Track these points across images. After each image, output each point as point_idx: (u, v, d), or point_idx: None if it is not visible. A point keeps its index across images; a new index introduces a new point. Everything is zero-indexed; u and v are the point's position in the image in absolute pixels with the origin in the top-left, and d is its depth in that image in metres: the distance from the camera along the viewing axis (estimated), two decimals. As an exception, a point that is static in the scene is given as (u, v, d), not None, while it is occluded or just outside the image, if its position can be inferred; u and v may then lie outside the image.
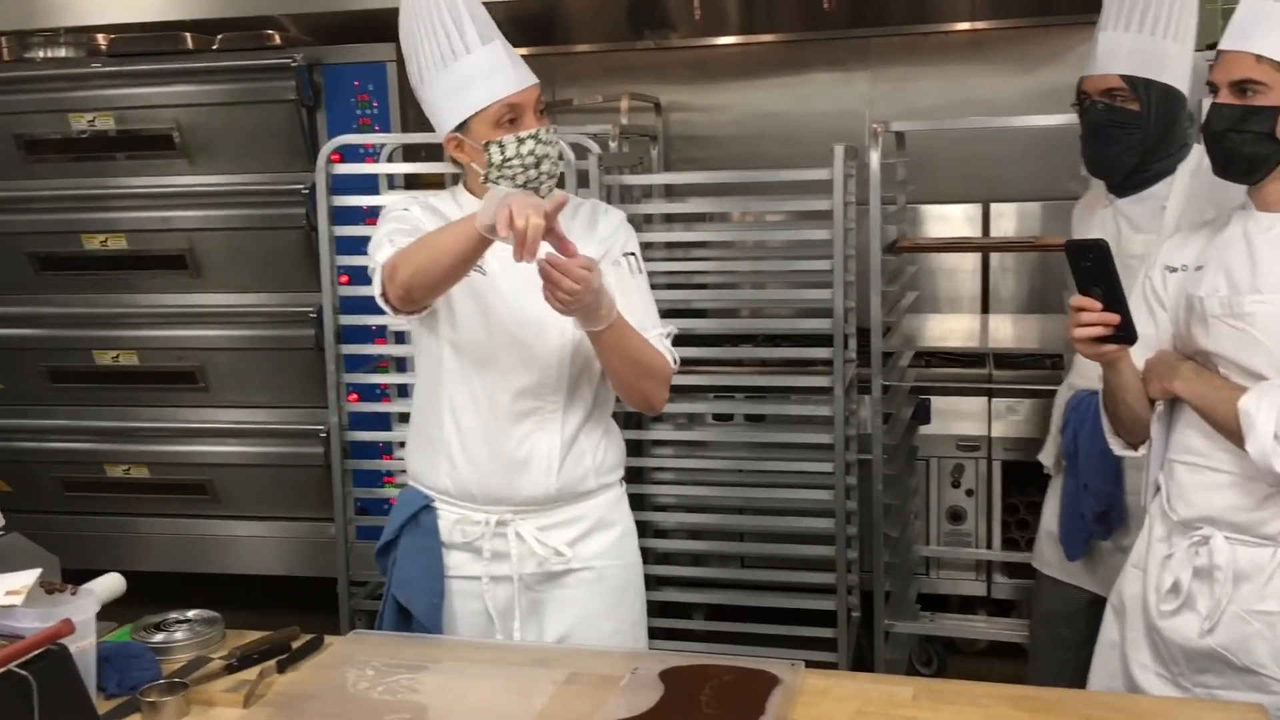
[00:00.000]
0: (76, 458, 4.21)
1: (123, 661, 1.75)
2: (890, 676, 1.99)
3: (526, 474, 2.02)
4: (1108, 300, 1.77)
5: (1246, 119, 1.77)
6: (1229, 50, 1.80)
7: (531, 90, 1.98)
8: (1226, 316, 1.82)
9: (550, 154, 1.98)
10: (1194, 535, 1.87)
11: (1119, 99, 2.38)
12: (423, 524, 2.08)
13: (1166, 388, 1.89)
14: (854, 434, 3.34)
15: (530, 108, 1.97)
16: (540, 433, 2.02)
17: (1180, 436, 1.91)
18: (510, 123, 1.96)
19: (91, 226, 4.04)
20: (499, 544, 2.04)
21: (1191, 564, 1.86)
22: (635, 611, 2.15)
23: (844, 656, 3.31)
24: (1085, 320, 1.79)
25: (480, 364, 2.01)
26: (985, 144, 4.28)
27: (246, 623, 2.00)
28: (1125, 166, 2.42)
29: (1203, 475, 1.86)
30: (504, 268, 1.97)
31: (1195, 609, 1.87)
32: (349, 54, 3.81)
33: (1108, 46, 2.39)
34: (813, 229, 3.30)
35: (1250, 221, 1.86)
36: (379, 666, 1.78)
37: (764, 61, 4.67)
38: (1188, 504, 1.88)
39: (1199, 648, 1.86)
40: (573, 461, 2.05)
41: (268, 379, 4.04)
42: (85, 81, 3.98)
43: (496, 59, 1.96)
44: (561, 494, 2.04)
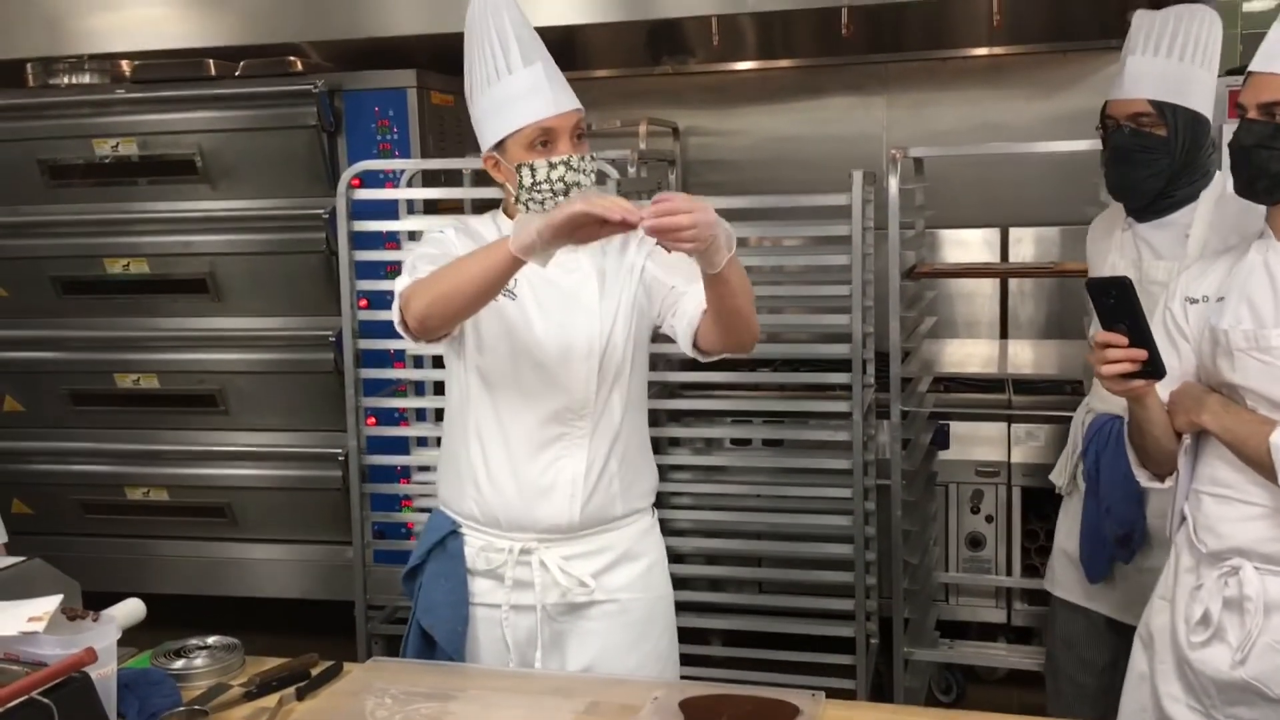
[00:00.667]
0: (97, 480, 4.23)
1: (143, 689, 1.75)
2: (912, 708, 1.98)
3: (550, 501, 2.01)
4: (1133, 336, 1.76)
5: (1276, 136, 1.77)
6: (1259, 72, 1.80)
7: (569, 116, 1.96)
8: (1253, 350, 1.81)
9: (583, 181, 1.96)
10: (1223, 566, 1.85)
11: (1146, 124, 2.37)
12: (449, 549, 2.07)
13: (1194, 421, 1.88)
14: (873, 459, 3.33)
15: (566, 133, 1.95)
16: (566, 459, 2.01)
17: (1207, 469, 1.90)
18: (544, 146, 1.94)
19: (114, 251, 4.07)
20: (523, 572, 2.03)
21: (1221, 595, 1.85)
22: (663, 645, 2.13)
23: (862, 684, 3.29)
24: (1112, 357, 1.78)
25: (505, 388, 2.01)
26: (1003, 169, 4.28)
27: (264, 646, 2.00)
28: (1151, 191, 2.41)
29: (1232, 507, 1.85)
30: (533, 290, 1.99)
31: (1226, 640, 1.85)
32: (370, 80, 3.84)
33: (1136, 71, 2.39)
34: (831, 254, 3.30)
35: (1271, 251, 1.85)
36: (397, 694, 1.78)
37: (782, 86, 4.69)
38: (1216, 535, 1.87)
39: (1230, 679, 1.84)
40: (601, 489, 2.03)
41: (287, 402, 4.06)
42: (109, 108, 4.03)
43: (536, 81, 1.94)
44: (586, 522, 2.03)
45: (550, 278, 1.98)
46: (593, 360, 1.99)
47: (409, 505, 3.68)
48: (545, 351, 1.98)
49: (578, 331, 1.99)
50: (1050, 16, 4.17)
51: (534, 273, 1.95)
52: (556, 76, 1.97)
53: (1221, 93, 3.40)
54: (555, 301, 2.00)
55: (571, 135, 1.95)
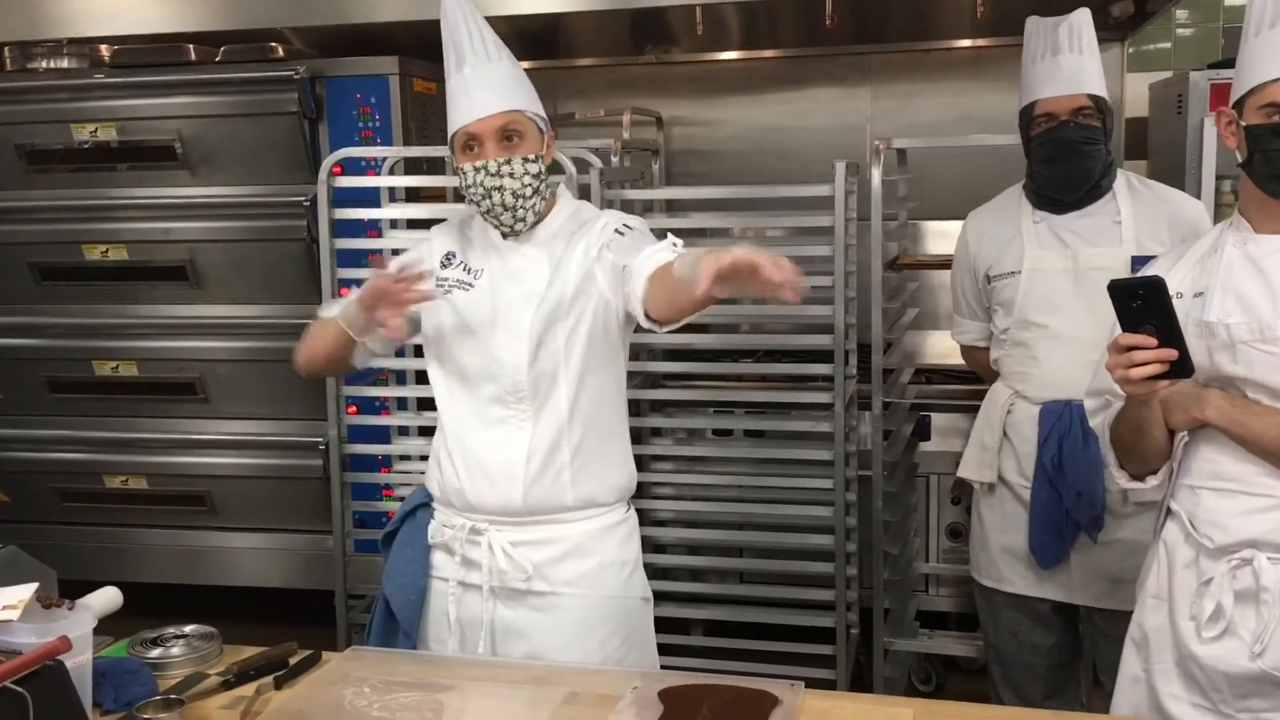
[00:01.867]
0: (75, 468, 4.20)
1: (119, 677, 1.74)
2: (891, 698, 1.98)
3: (494, 482, 2.03)
4: (1162, 335, 1.72)
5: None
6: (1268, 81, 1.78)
7: (491, 120, 1.96)
8: (1257, 342, 1.81)
9: (507, 187, 1.97)
10: (1233, 559, 1.84)
11: (1086, 116, 2.51)
12: (418, 520, 2.15)
13: (1196, 417, 1.87)
14: (854, 450, 3.34)
15: (490, 137, 1.97)
16: (510, 443, 2.03)
17: (1204, 464, 1.89)
18: (471, 150, 1.98)
19: (93, 237, 4.04)
20: (472, 551, 2.06)
21: (1233, 588, 1.84)
22: (610, 647, 2.08)
23: (842, 674, 3.30)
24: (1141, 358, 1.73)
25: (455, 373, 2.08)
26: (987, 161, 4.26)
27: (243, 635, 1.99)
28: (1090, 182, 2.55)
29: (1238, 500, 1.84)
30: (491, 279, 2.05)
31: (1239, 634, 1.84)
32: (351, 67, 3.82)
33: (1072, 68, 2.52)
34: (814, 245, 3.29)
35: (1251, 244, 1.85)
36: (376, 684, 1.78)
37: (766, 77, 4.68)
38: (1223, 529, 1.86)
39: (1246, 672, 1.83)
40: (547, 476, 2.03)
41: (267, 391, 4.03)
42: (88, 92, 3.99)
43: (464, 85, 1.98)
44: (531, 508, 2.03)
45: (512, 267, 2.05)
46: (521, 345, 2.01)
47: (390, 494, 3.67)
48: (485, 333, 2.03)
49: (515, 316, 2.02)
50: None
51: (499, 263, 2.04)
52: (488, 77, 1.98)
53: (1204, 86, 3.43)
54: (506, 288, 2.05)
55: (497, 138, 1.97)
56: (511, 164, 1.96)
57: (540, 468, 2.03)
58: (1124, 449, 1.98)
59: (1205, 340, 1.87)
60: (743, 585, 3.62)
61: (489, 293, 2.05)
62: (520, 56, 2.10)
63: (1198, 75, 3.44)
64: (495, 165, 1.96)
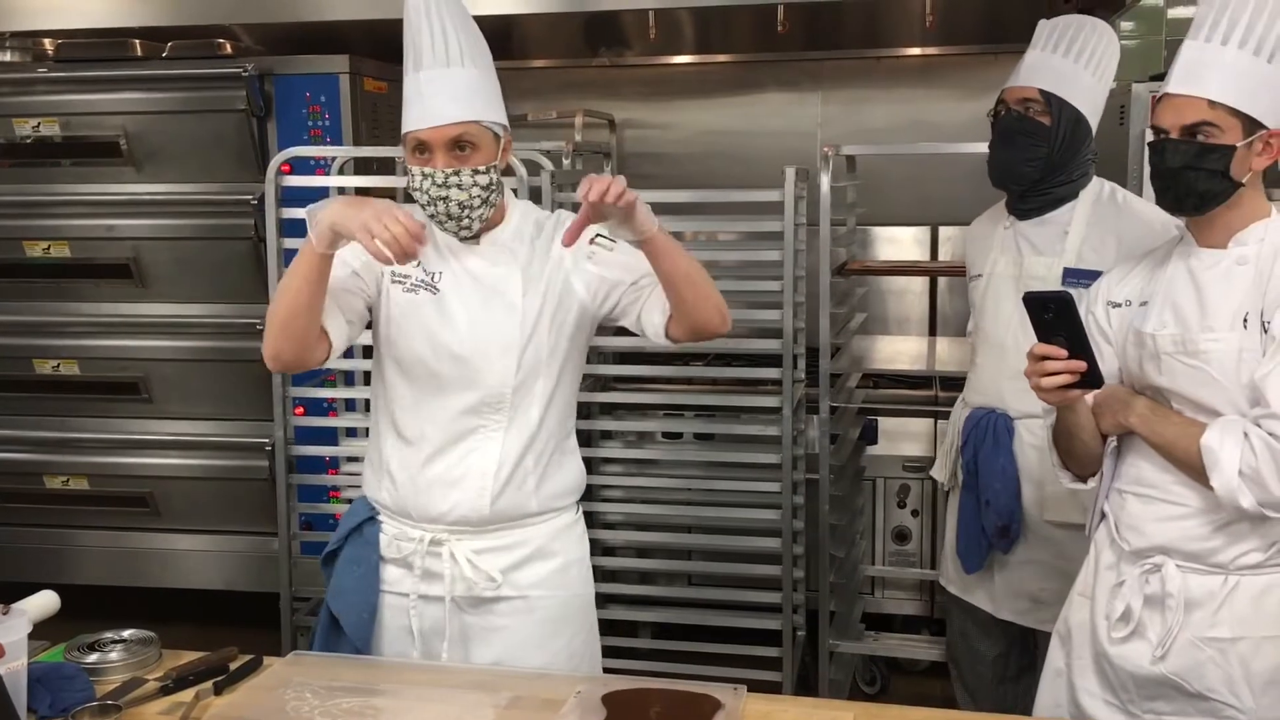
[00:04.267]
0: (14, 468, 4.13)
1: (55, 683, 1.72)
2: (831, 701, 2.01)
3: (460, 493, 2.00)
4: (1072, 348, 1.81)
5: (1203, 156, 1.79)
6: (1179, 94, 1.82)
7: (444, 129, 1.90)
8: (1180, 354, 1.85)
9: (453, 197, 1.92)
10: (1145, 564, 1.90)
11: (1033, 110, 2.49)
12: (365, 535, 2.08)
13: (1121, 422, 1.92)
14: (802, 454, 3.37)
15: (440, 147, 1.91)
16: (478, 452, 2.00)
17: (1131, 469, 1.94)
18: (421, 154, 1.93)
19: (34, 234, 3.97)
20: (433, 563, 2.02)
21: (1143, 592, 1.89)
22: (576, 644, 2.10)
23: (788, 676, 3.32)
24: (1051, 368, 1.82)
25: (422, 381, 2.01)
26: (935, 168, 4.33)
27: (186, 638, 1.97)
28: (1027, 178, 2.52)
29: (1156, 507, 1.89)
30: (456, 284, 1.99)
31: (1146, 636, 1.89)
32: (301, 65, 3.78)
33: (1033, 62, 2.52)
34: (764, 250, 3.32)
35: (1194, 258, 1.89)
36: (318, 689, 1.76)
37: (718, 81, 4.71)
38: (1139, 534, 1.91)
39: (1150, 675, 1.89)
40: (514, 484, 2.02)
41: (212, 391, 3.99)
42: (30, 87, 3.92)
43: (420, 88, 1.92)
44: (497, 516, 2.01)
45: (475, 273, 2.00)
46: (509, 357, 1.98)
47: (336, 496, 3.64)
48: (464, 346, 1.97)
49: (497, 327, 1.98)
50: (981, 18, 4.23)
51: (459, 267, 2.00)
52: (443, 86, 1.92)
53: (1145, 98, 3.49)
54: (477, 296, 1.99)
55: (448, 148, 1.91)
56: (460, 175, 1.92)
57: (509, 476, 2.00)
58: (1061, 451, 2.04)
59: (1139, 350, 1.91)
60: (690, 588, 3.63)
61: (456, 299, 1.99)
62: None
63: (1140, 87, 3.49)
64: (443, 176, 1.91)
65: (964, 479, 2.65)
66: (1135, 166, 3.40)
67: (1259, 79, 1.78)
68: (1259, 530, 1.82)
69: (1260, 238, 1.84)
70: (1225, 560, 1.84)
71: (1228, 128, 1.79)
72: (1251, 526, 1.81)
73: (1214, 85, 1.79)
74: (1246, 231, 1.85)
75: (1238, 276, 1.84)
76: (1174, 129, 1.82)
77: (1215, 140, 1.79)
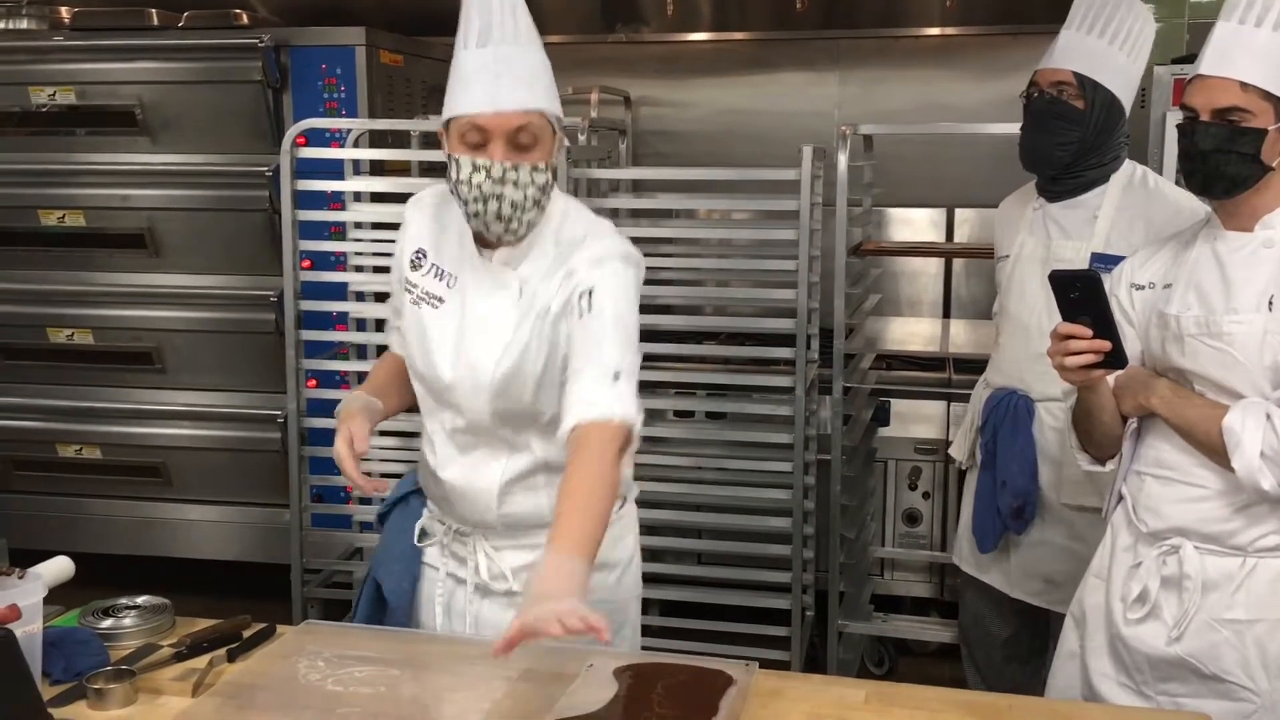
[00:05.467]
0: (28, 437, 4.15)
1: (69, 647, 1.73)
2: (843, 679, 2.00)
3: (469, 502, 1.94)
4: (1098, 328, 1.80)
5: (1235, 139, 1.78)
6: (1211, 76, 1.80)
7: (508, 117, 1.70)
8: (1204, 336, 1.84)
9: (508, 196, 1.73)
10: (1163, 545, 1.90)
11: (1066, 93, 2.45)
12: (411, 505, 2.06)
13: (1143, 404, 1.91)
14: (814, 434, 3.36)
15: (501, 136, 1.71)
16: (482, 469, 1.91)
17: (1151, 451, 1.94)
18: (475, 146, 1.73)
19: (49, 202, 3.98)
20: (458, 548, 2.00)
21: (1160, 573, 1.89)
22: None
23: (797, 655, 3.32)
24: (1076, 348, 1.82)
25: (431, 393, 1.93)
26: (952, 149, 4.31)
27: (197, 608, 1.98)
28: (1059, 162, 2.49)
29: (1175, 488, 1.89)
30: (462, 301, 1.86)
31: (1161, 618, 1.90)
32: (317, 36, 3.77)
33: (1066, 43, 2.48)
34: (779, 229, 3.30)
35: (1219, 241, 1.88)
36: (330, 658, 1.77)
37: (735, 59, 4.68)
38: (1158, 515, 1.91)
39: (1165, 656, 1.89)
40: (523, 498, 1.91)
41: (226, 362, 4.00)
42: (47, 55, 3.92)
43: (483, 66, 1.71)
44: (508, 523, 1.94)
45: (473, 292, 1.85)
46: (481, 396, 1.84)
47: (348, 469, 3.64)
48: (447, 372, 1.87)
49: (478, 359, 1.84)
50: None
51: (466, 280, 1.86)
52: (513, 66, 1.72)
53: (1167, 80, 3.46)
54: (466, 321, 1.86)
55: (508, 140, 1.71)
56: (519, 171, 1.72)
57: (516, 492, 1.91)
58: (1081, 432, 2.03)
59: (1161, 331, 1.90)
60: (700, 566, 3.63)
61: (451, 319, 1.86)
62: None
63: (1161, 70, 3.47)
64: (500, 170, 1.71)
65: (982, 459, 2.64)
66: (1156, 150, 3.38)
67: None
68: (1278, 513, 1.82)
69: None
70: (1244, 542, 1.84)
71: (1260, 111, 1.77)
72: (1271, 509, 1.81)
73: (1246, 67, 1.77)
74: (1273, 215, 1.84)
75: (1264, 259, 1.83)
76: (1205, 111, 1.80)
77: (1247, 124, 1.77)
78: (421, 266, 1.91)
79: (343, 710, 1.62)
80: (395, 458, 3.52)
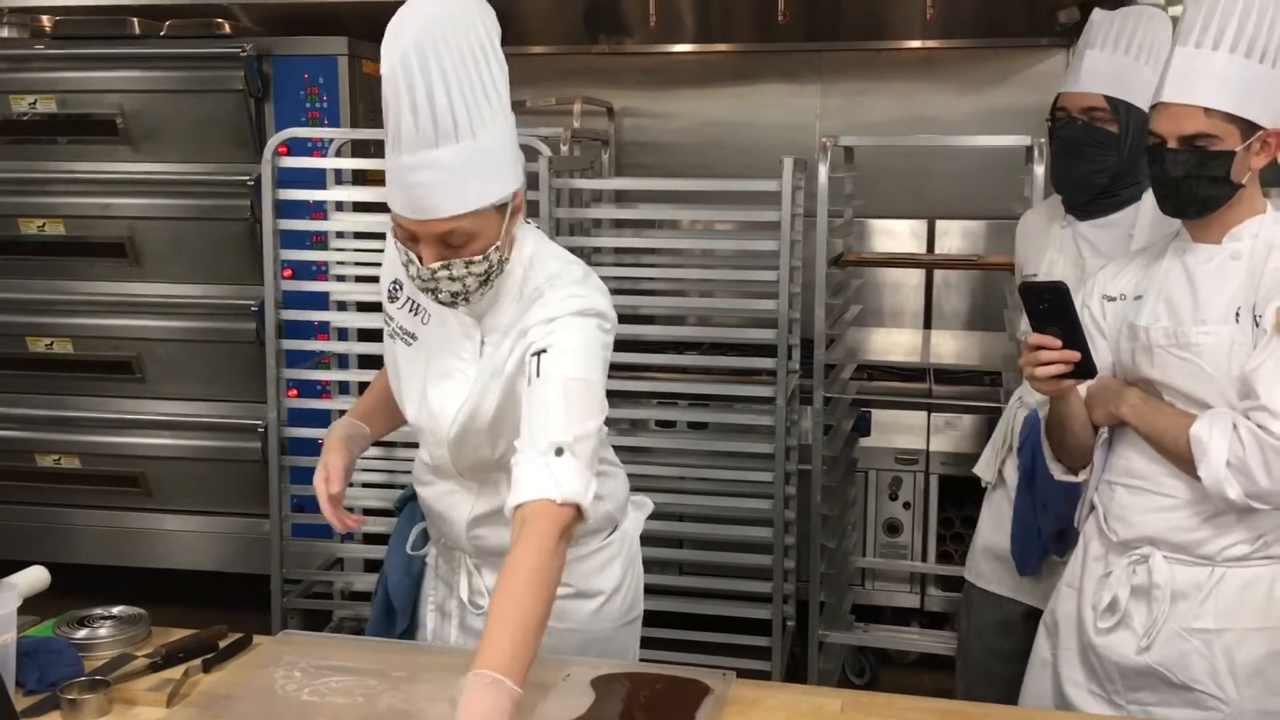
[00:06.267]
0: (6, 446, 4.12)
1: (43, 657, 1.72)
2: (820, 688, 2.00)
3: (445, 524, 1.95)
4: (1067, 338, 1.82)
5: (1204, 164, 1.79)
6: (1174, 103, 1.80)
7: (433, 224, 1.60)
8: (1172, 347, 1.86)
9: (444, 289, 1.66)
10: (1133, 555, 1.92)
11: (1099, 118, 2.40)
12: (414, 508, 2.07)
13: (1113, 413, 1.93)
14: (795, 444, 3.37)
15: (428, 239, 1.62)
16: (453, 498, 1.91)
17: (1121, 460, 1.95)
18: (409, 238, 1.66)
19: (29, 211, 3.96)
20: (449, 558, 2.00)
21: (1130, 582, 1.91)
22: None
23: (777, 665, 3.33)
24: (1046, 358, 1.83)
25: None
26: (932, 161, 4.33)
27: (176, 619, 1.97)
28: (1096, 187, 2.44)
29: (1145, 498, 1.90)
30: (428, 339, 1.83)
31: (1131, 627, 1.91)
32: (299, 46, 3.77)
33: (1092, 66, 2.42)
34: (760, 239, 3.31)
35: (1188, 253, 1.90)
36: (307, 668, 1.76)
37: (717, 71, 4.70)
38: (1128, 525, 1.93)
39: (1135, 665, 1.91)
40: (489, 530, 1.89)
41: (206, 372, 3.98)
42: (28, 63, 3.91)
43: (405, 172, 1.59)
44: (482, 553, 1.93)
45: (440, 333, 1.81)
46: (441, 445, 1.83)
47: (329, 479, 3.63)
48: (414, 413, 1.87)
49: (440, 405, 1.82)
50: (982, 12, 4.23)
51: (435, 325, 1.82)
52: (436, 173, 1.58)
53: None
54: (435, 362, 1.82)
55: (436, 243, 1.62)
56: (451, 268, 1.64)
57: (484, 525, 1.89)
58: (1054, 442, 2.04)
59: (1131, 342, 1.92)
60: (681, 576, 3.63)
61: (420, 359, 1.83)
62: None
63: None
64: (429, 271, 1.64)
65: (1021, 480, 2.58)
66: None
67: (1252, 81, 1.77)
68: (1246, 522, 1.83)
69: (1254, 233, 1.85)
70: (1212, 552, 1.85)
71: (1225, 134, 1.78)
72: (1238, 518, 1.83)
73: (1208, 93, 1.77)
74: (1241, 227, 1.86)
75: (1231, 271, 1.85)
76: (1171, 137, 1.81)
77: (1215, 147, 1.78)
78: (397, 299, 1.86)
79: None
80: (378, 467, 3.52)
